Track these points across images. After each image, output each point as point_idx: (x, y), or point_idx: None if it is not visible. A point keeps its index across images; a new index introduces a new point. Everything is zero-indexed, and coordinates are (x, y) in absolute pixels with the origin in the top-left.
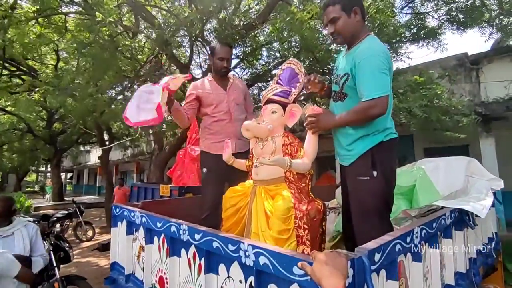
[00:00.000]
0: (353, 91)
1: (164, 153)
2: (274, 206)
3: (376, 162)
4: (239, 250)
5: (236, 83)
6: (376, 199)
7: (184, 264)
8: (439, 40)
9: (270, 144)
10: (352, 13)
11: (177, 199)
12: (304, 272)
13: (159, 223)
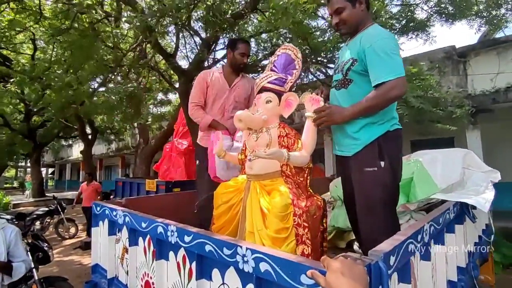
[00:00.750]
0: (358, 76)
1: (149, 146)
2: (271, 203)
3: (383, 152)
4: (236, 255)
5: (244, 81)
6: (384, 191)
7: (173, 268)
8: (428, 33)
9: (265, 135)
10: (357, 3)
11: (164, 195)
12: (314, 282)
13: (144, 223)
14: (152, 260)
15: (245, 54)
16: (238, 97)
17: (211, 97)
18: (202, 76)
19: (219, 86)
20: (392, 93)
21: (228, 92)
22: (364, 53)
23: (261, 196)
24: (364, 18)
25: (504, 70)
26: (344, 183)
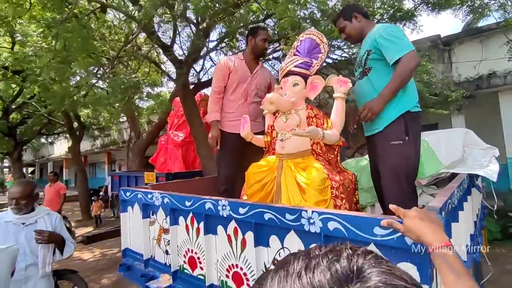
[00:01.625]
0: (375, 62)
1: (142, 140)
2: (309, 178)
3: (408, 128)
4: (301, 218)
5: (263, 70)
6: (408, 162)
7: (223, 241)
8: (415, 22)
9: (294, 116)
10: (353, 19)
11: (184, 181)
12: (387, 232)
13: (188, 201)
14: (197, 237)
15: (266, 40)
16: (260, 85)
17: (234, 82)
18: (224, 63)
19: (242, 72)
20: (410, 64)
21: (250, 78)
22: (376, 42)
23: (296, 172)
24: (364, 26)
25: (486, 57)
26: (372, 160)
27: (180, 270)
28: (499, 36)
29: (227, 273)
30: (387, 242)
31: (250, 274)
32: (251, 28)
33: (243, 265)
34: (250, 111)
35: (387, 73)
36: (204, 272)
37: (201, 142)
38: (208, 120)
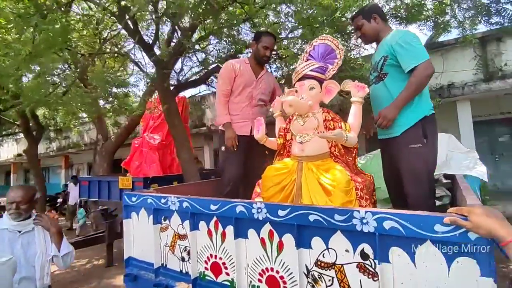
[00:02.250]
0: (392, 68)
1: (110, 142)
2: (335, 180)
3: (426, 131)
4: (352, 219)
5: (268, 75)
6: (428, 164)
7: (255, 245)
8: None
9: (312, 120)
10: (372, 19)
11: (187, 184)
12: (449, 229)
13: (214, 205)
14: (222, 241)
15: (268, 48)
16: (264, 89)
17: (240, 85)
18: (230, 66)
19: (248, 76)
20: (426, 73)
21: (255, 83)
22: (392, 48)
23: (319, 174)
24: (381, 29)
25: (446, 69)
26: (388, 162)
27: (200, 277)
28: (456, 51)
29: (260, 277)
30: (449, 239)
31: (288, 277)
32: (256, 33)
33: (279, 268)
34: (254, 114)
35: (403, 79)
36: (230, 278)
37: (181, 145)
38: (220, 122)
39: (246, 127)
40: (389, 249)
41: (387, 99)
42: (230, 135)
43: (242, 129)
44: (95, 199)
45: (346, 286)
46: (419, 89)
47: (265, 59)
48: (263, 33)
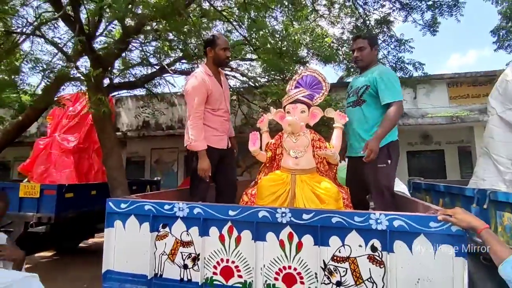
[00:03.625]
0: (370, 97)
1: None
2: (328, 190)
3: (390, 154)
4: (369, 220)
5: (225, 80)
6: (390, 180)
7: (272, 248)
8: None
9: (304, 139)
10: (373, 49)
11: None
12: (439, 224)
13: (232, 211)
14: (236, 245)
15: (227, 48)
16: (228, 97)
17: (216, 103)
18: (201, 85)
19: (218, 89)
20: (399, 113)
21: (224, 93)
22: (376, 81)
23: (313, 185)
24: (374, 59)
25: None
26: (354, 175)
27: (207, 282)
28: None
29: (276, 276)
30: (438, 232)
31: (305, 273)
32: (207, 39)
33: (297, 266)
34: (229, 127)
35: (377, 108)
36: (243, 280)
37: (111, 150)
38: (196, 149)
39: (224, 141)
40: (393, 242)
41: (362, 123)
42: (206, 167)
43: (221, 142)
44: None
45: (358, 275)
46: (394, 126)
47: (227, 61)
48: (215, 36)
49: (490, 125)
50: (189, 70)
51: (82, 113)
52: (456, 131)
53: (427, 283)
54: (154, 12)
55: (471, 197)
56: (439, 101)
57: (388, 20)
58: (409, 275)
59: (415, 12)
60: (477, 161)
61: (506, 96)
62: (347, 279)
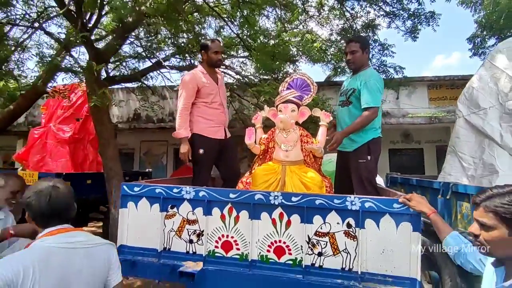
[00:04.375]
0: (355, 99)
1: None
2: (313, 179)
3: (370, 150)
4: (345, 202)
5: (222, 78)
6: (371, 173)
7: (266, 225)
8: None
9: (293, 134)
10: (365, 52)
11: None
12: (400, 206)
13: (233, 194)
14: (235, 223)
15: (219, 52)
16: (224, 93)
17: (209, 96)
18: (191, 80)
19: (211, 85)
20: (372, 117)
21: (218, 89)
22: (361, 86)
23: (301, 175)
24: (365, 62)
25: None
26: (341, 168)
27: (210, 254)
28: None
29: (269, 248)
30: (400, 211)
31: (292, 245)
32: (201, 44)
33: (286, 240)
34: (225, 119)
35: (362, 109)
36: (241, 252)
37: (107, 142)
38: (179, 136)
39: (221, 132)
40: (365, 220)
41: (349, 121)
42: (185, 150)
43: (217, 133)
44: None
45: (335, 247)
46: (362, 127)
47: (219, 63)
48: (208, 41)
49: (457, 126)
50: (183, 66)
51: (77, 104)
52: (435, 131)
53: (390, 252)
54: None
55: (438, 189)
56: (420, 102)
57: (374, 25)
58: (376, 246)
59: (398, 19)
60: (446, 158)
61: (471, 102)
62: (327, 250)
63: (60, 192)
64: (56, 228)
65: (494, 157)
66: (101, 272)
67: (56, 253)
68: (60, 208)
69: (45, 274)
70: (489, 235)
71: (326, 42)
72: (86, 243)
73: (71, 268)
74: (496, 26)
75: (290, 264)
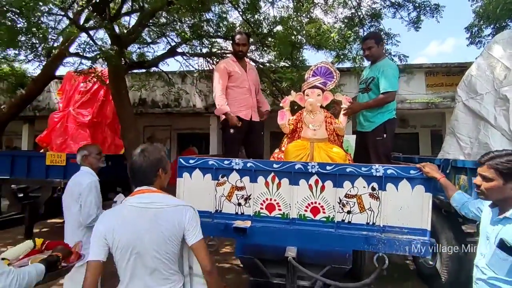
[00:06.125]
0: (375, 86)
1: (1, 113)
2: (339, 154)
3: (386, 129)
4: (371, 169)
5: (252, 67)
6: (386, 148)
7: (303, 189)
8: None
9: (320, 116)
10: (379, 45)
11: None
12: (416, 172)
13: (276, 165)
14: (277, 189)
15: (240, 44)
16: (254, 81)
17: (237, 80)
18: (223, 67)
19: (240, 71)
20: (386, 100)
21: (246, 75)
22: (379, 73)
23: (327, 150)
24: (381, 53)
25: None
26: (361, 145)
27: (256, 214)
28: (346, 76)
29: (306, 208)
30: (416, 176)
31: (326, 206)
32: (230, 37)
33: (321, 201)
34: (253, 102)
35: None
36: (282, 212)
37: (129, 126)
38: (221, 112)
39: (248, 114)
40: (387, 184)
41: None
42: (234, 120)
43: (245, 116)
44: (5, 176)
45: (362, 206)
46: (377, 106)
47: (240, 54)
48: (235, 33)
49: (456, 110)
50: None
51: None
52: (430, 116)
53: (406, 209)
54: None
55: (439, 165)
56: (417, 88)
57: (379, 14)
58: (395, 205)
59: (403, 9)
60: (445, 139)
61: (470, 88)
62: (354, 209)
63: (139, 158)
64: (136, 190)
65: (488, 136)
66: (171, 232)
67: (131, 211)
68: (138, 173)
69: (122, 229)
70: (488, 185)
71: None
72: (158, 205)
73: (141, 226)
74: (493, 16)
75: (324, 221)
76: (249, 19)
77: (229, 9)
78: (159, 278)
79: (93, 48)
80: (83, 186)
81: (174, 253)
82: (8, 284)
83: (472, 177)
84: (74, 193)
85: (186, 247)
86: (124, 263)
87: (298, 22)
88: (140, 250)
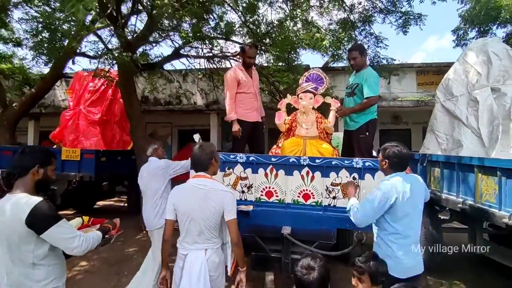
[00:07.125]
0: (359, 92)
1: (12, 111)
2: (326, 149)
3: (368, 128)
4: (352, 162)
5: (256, 73)
6: (368, 145)
7: (296, 179)
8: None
9: (311, 116)
10: (363, 56)
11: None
12: None
13: (274, 159)
14: (275, 179)
15: (251, 57)
16: (257, 85)
17: (245, 87)
18: (233, 75)
19: (248, 79)
20: (370, 103)
21: (252, 82)
22: (363, 80)
23: (318, 146)
24: (365, 63)
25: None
26: (346, 142)
27: (257, 200)
28: (341, 74)
29: (299, 195)
30: None
31: (315, 192)
32: (241, 47)
33: (311, 189)
34: (258, 105)
35: (362, 99)
36: (279, 198)
37: (138, 123)
38: (231, 118)
39: (253, 116)
40: (365, 174)
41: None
42: (236, 129)
43: (251, 117)
44: None
45: (344, 192)
46: (362, 110)
47: (250, 64)
48: (245, 46)
49: (435, 110)
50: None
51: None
52: (421, 113)
53: None
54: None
55: (418, 159)
56: (409, 87)
57: (370, 16)
58: (371, 191)
59: (391, 15)
60: (426, 136)
61: (447, 90)
62: (339, 195)
63: (198, 151)
64: (195, 174)
65: (461, 134)
66: (215, 209)
67: (188, 190)
68: (197, 162)
69: (183, 201)
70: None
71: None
72: (208, 187)
73: (193, 203)
74: (477, 21)
75: (314, 205)
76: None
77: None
78: (203, 238)
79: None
80: (162, 165)
81: (216, 223)
82: (80, 244)
83: (444, 169)
84: (157, 173)
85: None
86: (182, 224)
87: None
88: (193, 217)
